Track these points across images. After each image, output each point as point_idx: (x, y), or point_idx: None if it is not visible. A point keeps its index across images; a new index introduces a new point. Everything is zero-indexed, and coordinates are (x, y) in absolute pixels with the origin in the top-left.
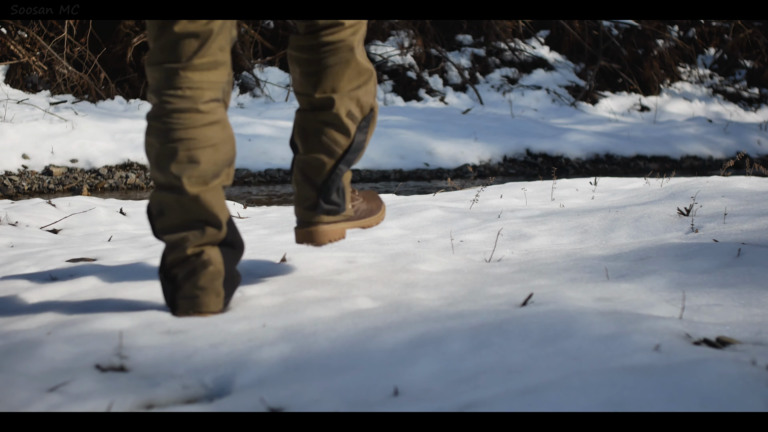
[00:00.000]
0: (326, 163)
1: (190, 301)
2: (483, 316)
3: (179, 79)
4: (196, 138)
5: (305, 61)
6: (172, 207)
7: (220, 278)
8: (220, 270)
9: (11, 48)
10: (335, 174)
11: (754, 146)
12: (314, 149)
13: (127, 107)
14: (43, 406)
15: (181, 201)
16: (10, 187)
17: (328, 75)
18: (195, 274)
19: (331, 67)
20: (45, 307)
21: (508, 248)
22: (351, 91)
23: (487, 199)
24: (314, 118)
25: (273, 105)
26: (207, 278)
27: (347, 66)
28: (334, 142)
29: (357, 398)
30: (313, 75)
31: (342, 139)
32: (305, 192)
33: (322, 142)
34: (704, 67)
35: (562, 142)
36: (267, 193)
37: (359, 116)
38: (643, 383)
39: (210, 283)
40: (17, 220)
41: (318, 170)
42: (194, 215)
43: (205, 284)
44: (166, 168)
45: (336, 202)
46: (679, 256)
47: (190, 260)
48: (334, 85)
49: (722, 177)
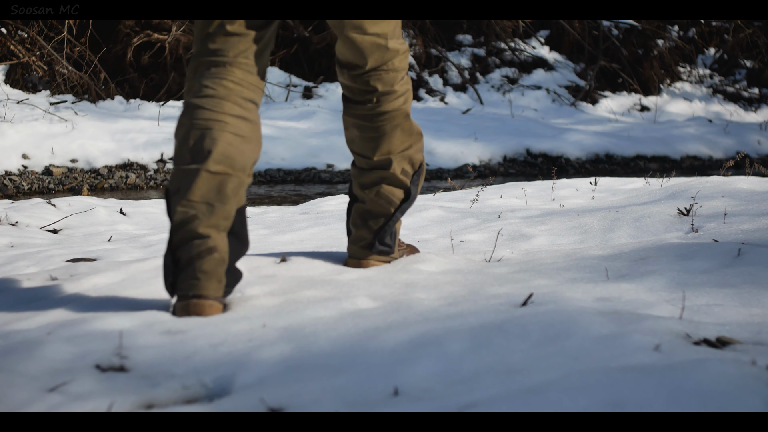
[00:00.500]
0: (385, 213)
1: (191, 283)
2: (483, 316)
3: (225, 71)
4: (230, 123)
5: (365, 128)
6: (191, 183)
7: (223, 266)
8: (224, 258)
9: (11, 48)
10: (392, 221)
11: (754, 146)
12: (375, 202)
13: (127, 107)
14: (43, 406)
15: (202, 178)
16: (10, 187)
17: (385, 140)
18: (200, 258)
19: (387, 133)
20: (45, 307)
21: (508, 248)
22: (404, 152)
23: (487, 199)
24: (373, 176)
25: (273, 105)
26: (211, 264)
27: (402, 131)
28: (392, 195)
29: (357, 398)
30: (372, 140)
31: (398, 192)
32: (362, 233)
33: (382, 195)
34: (704, 67)
35: (562, 142)
36: (267, 193)
37: (411, 172)
38: (643, 383)
39: (213, 268)
40: (17, 220)
41: (378, 219)
42: (210, 194)
43: (209, 269)
44: (195, 144)
45: (389, 244)
46: (679, 256)
47: (196, 244)
48: (390, 149)
49: (722, 177)
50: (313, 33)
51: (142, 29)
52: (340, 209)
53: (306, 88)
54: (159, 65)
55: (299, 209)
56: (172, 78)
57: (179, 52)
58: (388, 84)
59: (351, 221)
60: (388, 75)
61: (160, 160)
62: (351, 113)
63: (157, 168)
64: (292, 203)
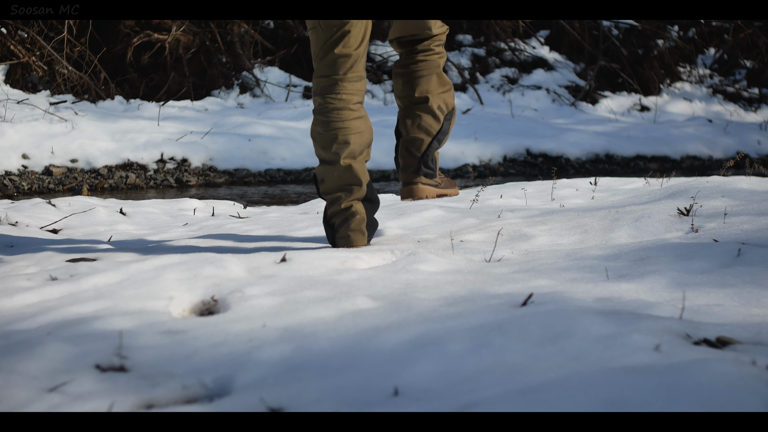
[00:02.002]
0: (425, 140)
1: (345, 239)
2: (483, 316)
3: (338, 87)
4: (349, 128)
5: (407, 74)
6: (331, 175)
7: (364, 223)
8: (364, 218)
9: (11, 48)
10: (431, 147)
11: (754, 146)
12: (416, 131)
13: (127, 107)
14: (43, 406)
15: (338, 170)
16: (10, 187)
17: (423, 82)
18: (347, 221)
19: (425, 77)
20: (45, 307)
21: (508, 248)
22: (439, 94)
23: (487, 199)
24: (415, 111)
25: (273, 105)
26: (356, 223)
27: (437, 77)
28: (430, 126)
29: (357, 398)
30: (414, 82)
31: (435, 123)
32: (409, 161)
33: (422, 126)
34: (704, 67)
35: (562, 142)
36: (267, 193)
37: (445, 110)
38: (643, 383)
39: (358, 226)
40: (17, 220)
41: (419, 146)
42: (346, 180)
43: (355, 227)
44: (329, 148)
45: (431, 167)
46: (679, 256)
47: (343, 212)
48: (428, 88)
49: (722, 177)
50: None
51: (142, 29)
52: None
53: (306, 88)
54: (159, 65)
55: (299, 209)
56: (172, 78)
57: (179, 52)
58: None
59: (399, 155)
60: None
61: (160, 160)
62: (398, 65)
63: (157, 168)
64: (292, 203)
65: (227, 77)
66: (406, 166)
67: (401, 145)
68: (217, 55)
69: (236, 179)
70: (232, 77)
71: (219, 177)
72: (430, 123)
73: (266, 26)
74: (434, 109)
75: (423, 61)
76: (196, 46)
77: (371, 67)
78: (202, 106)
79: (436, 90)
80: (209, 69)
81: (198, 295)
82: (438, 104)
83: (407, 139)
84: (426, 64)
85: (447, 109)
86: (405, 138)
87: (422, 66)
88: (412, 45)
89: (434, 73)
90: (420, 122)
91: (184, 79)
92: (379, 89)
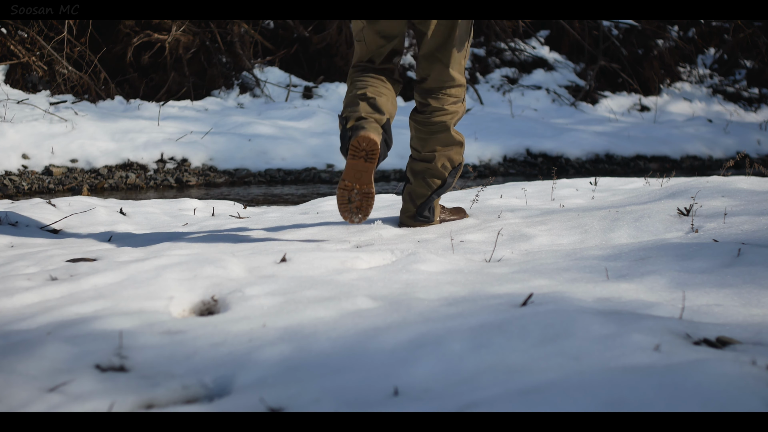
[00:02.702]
0: (425, 193)
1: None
2: (483, 316)
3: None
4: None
5: (421, 131)
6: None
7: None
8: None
9: (11, 48)
10: (429, 200)
11: (754, 146)
12: (418, 184)
13: (127, 107)
14: (43, 406)
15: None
16: (10, 187)
17: (432, 141)
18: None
19: (434, 136)
20: (45, 307)
21: (508, 248)
22: (445, 153)
23: (487, 199)
24: (421, 165)
25: (273, 105)
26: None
27: (444, 136)
28: (432, 182)
29: (357, 398)
30: (424, 140)
31: (437, 180)
32: (409, 206)
33: (425, 179)
34: (704, 67)
35: (562, 142)
36: (267, 193)
37: (449, 167)
38: (643, 383)
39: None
40: (17, 220)
41: (419, 197)
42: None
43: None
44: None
45: (427, 216)
46: (679, 256)
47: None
48: (434, 147)
49: (722, 177)
50: (313, 33)
51: (142, 29)
52: None
53: (306, 88)
54: (159, 65)
55: (299, 209)
56: (172, 78)
57: (179, 52)
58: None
59: (403, 197)
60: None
61: (160, 160)
62: (414, 119)
63: (157, 168)
64: (292, 203)
65: (227, 77)
66: (406, 209)
67: (405, 190)
68: (217, 55)
69: (236, 179)
70: (232, 77)
71: (219, 177)
72: (433, 179)
73: (266, 26)
74: (438, 167)
75: (435, 123)
76: (196, 46)
77: None
78: (202, 106)
79: (443, 149)
80: (209, 69)
81: (198, 295)
82: (443, 162)
83: (410, 189)
84: (438, 125)
85: (452, 165)
86: (409, 188)
87: (434, 123)
88: (429, 95)
89: (444, 132)
90: (423, 176)
91: (184, 79)
92: None
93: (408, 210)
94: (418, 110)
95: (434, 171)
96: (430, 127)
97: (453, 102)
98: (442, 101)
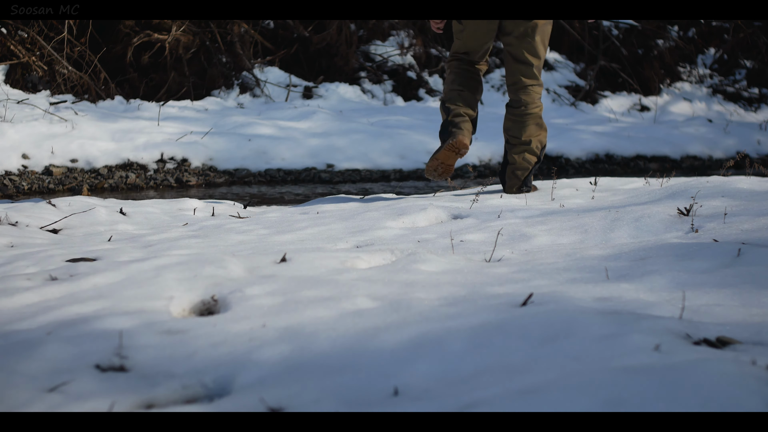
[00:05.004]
0: (528, 167)
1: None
2: (483, 316)
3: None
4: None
5: (518, 122)
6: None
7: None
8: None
9: (11, 48)
10: (530, 173)
11: (754, 146)
12: (521, 162)
13: (127, 107)
14: (43, 406)
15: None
16: (10, 187)
17: (528, 129)
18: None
19: (529, 125)
20: (45, 307)
21: (508, 248)
22: (537, 137)
23: (487, 199)
24: (521, 148)
25: (273, 105)
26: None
27: (536, 124)
28: (530, 160)
29: (357, 398)
30: (522, 127)
31: (533, 158)
32: (515, 181)
33: (525, 158)
34: (704, 67)
35: (562, 142)
36: (267, 193)
37: (541, 147)
38: (643, 383)
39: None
40: (17, 220)
41: (524, 170)
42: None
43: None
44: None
45: (529, 186)
46: (679, 256)
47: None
48: (530, 132)
49: (722, 177)
50: (313, 33)
51: (142, 29)
52: (340, 209)
53: (306, 88)
54: (159, 65)
55: (299, 209)
56: (172, 78)
57: (179, 52)
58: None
59: (507, 175)
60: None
61: (160, 160)
62: (510, 112)
63: (157, 168)
64: (292, 203)
65: (227, 77)
66: (512, 184)
67: (509, 170)
68: (217, 55)
69: (236, 179)
70: (232, 77)
71: (219, 177)
72: (531, 158)
73: (266, 26)
74: (533, 148)
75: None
76: (196, 46)
77: (371, 67)
78: (202, 106)
79: (536, 134)
80: (209, 69)
81: (198, 295)
82: (536, 144)
83: (514, 167)
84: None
85: (541, 146)
86: (513, 165)
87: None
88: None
89: (537, 120)
90: (524, 156)
91: (184, 79)
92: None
93: (514, 185)
94: (513, 106)
95: (533, 151)
96: (527, 118)
97: (539, 97)
98: (533, 96)
